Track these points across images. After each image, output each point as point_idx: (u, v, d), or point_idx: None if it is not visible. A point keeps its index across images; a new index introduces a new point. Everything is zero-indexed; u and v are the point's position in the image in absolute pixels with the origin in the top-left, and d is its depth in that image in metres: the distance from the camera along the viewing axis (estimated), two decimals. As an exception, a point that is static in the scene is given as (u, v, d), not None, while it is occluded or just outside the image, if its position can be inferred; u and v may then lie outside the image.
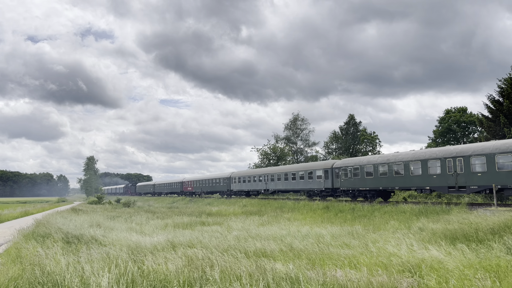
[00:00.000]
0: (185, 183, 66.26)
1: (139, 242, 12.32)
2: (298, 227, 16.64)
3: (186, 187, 64.91)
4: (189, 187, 63.77)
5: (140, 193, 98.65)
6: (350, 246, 11.47)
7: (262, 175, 42.32)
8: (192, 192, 62.89)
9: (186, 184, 65.41)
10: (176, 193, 71.09)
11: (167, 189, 76.57)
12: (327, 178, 31.50)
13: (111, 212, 31.18)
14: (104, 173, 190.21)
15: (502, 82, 31.79)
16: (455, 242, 11.13)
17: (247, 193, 46.72)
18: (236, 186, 47.96)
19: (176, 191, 70.68)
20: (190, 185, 63.56)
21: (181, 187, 67.20)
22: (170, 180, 79.47)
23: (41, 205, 55.47)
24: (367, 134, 64.29)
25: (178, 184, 69.38)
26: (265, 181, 41.10)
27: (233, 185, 48.62)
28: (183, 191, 66.19)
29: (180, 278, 7.43)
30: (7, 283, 7.66)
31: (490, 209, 17.88)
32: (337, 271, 7.71)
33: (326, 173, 31.67)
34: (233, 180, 48.90)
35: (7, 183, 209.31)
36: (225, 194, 51.31)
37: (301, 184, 35.15)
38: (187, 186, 64.59)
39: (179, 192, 68.20)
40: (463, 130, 48.99)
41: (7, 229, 21.21)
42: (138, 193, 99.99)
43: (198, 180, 60.77)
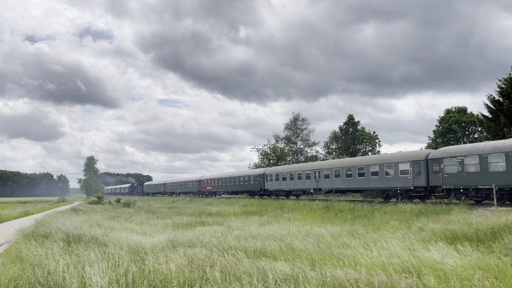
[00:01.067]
0: (203, 182, 58.88)
1: (140, 242, 12.32)
2: (298, 227, 16.64)
3: (205, 186, 57.82)
4: (209, 186, 56.59)
5: (148, 193, 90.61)
6: (350, 246, 11.47)
7: (312, 170, 34.29)
8: (213, 192, 55.65)
9: (205, 183, 58.16)
10: (192, 193, 63.62)
11: (181, 188, 68.17)
12: (419, 174, 24.16)
13: (111, 212, 31.18)
14: (104, 173, 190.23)
15: (502, 82, 31.80)
16: (455, 242, 11.13)
17: (288, 194, 39.08)
18: (273, 184, 40.25)
19: (192, 190, 63.12)
20: (210, 183, 56.27)
21: (199, 186, 59.96)
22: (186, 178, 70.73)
23: (41, 205, 55.48)
24: (366, 134, 64.31)
25: (195, 183, 61.62)
26: (316, 178, 33.28)
27: (268, 183, 41.01)
28: (201, 190, 59.12)
29: (181, 278, 7.43)
30: (7, 283, 7.66)
31: (490, 209, 17.88)
32: (337, 271, 7.71)
33: (417, 166, 24.32)
34: (268, 178, 41.23)
35: (7, 183, 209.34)
36: (256, 194, 44.39)
37: (373, 182, 27.52)
38: (207, 185, 57.39)
39: (196, 192, 61.16)
40: (463, 130, 48.99)
41: (7, 229, 21.21)
42: (146, 193, 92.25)
43: (221, 178, 53.17)
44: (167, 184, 77.54)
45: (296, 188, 36.49)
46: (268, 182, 41.43)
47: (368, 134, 64.55)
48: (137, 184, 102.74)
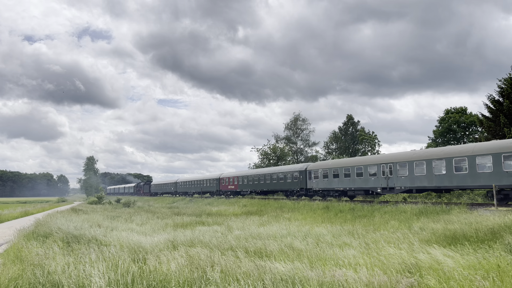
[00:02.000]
0: (224, 180, 52.30)
1: (140, 242, 12.32)
2: (298, 227, 16.64)
3: (226, 185, 51.22)
4: (231, 185, 49.85)
5: (157, 193, 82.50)
6: (350, 246, 11.47)
7: (377, 164, 26.95)
8: (236, 192, 49.17)
9: (226, 181, 51.37)
10: (209, 192, 56.96)
11: (196, 187, 61.06)
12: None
13: (111, 212, 31.18)
14: (104, 173, 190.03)
15: (502, 82, 31.81)
16: (456, 242, 11.13)
17: (341, 194, 30.87)
18: (319, 183, 33.11)
19: (209, 190, 56.30)
20: (233, 182, 49.26)
21: (218, 185, 53.44)
22: (202, 176, 63.12)
23: (41, 205, 55.49)
24: (365, 134, 64.36)
25: (213, 182, 54.83)
26: (385, 174, 26.02)
27: (312, 182, 33.95)
28: (220, 190, 52.79)
29: (180, 279, 7.42)
30: (7, 283, 7.66)
31: (490, 209, 17.88)
32: (337, 271, 7.71)
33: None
34: (312, 175, 34.19)
35: (7, 183, 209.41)
36: (295, 194, 37.08)
37: (479, 178, 20.38)
38: (228, 184, 50.64)
39: (215, 191, 54.42)
40: (464, 130, 49.01)
41: (7, 229, 21.21)
42: (154, 193, 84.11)
43: (248, 175, 46.15)
44: (179, 183, 69.62)
45: (355, 187, 28.92)
46: (312, 180, 34.09)
47: (367, 134, 64.59)
48: (143, 184, 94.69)
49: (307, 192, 35.24)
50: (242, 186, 46.95)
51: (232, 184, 49.39)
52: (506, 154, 19.38)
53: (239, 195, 48.36)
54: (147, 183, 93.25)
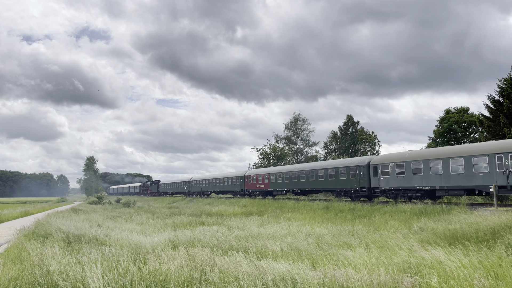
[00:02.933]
0: (250, 178, 45.15)
1: (140, 242, 12.32)
2: (299, 227, 16.64)
3: (254, 183, 44.20)
4: (260, 184, 42.62)
5: (166, 193, 75.83)
6: (350, 245, 11.47)
7: (489, 155, 20.29)
8: (266, 192, 42.07)
9: (254, 180, 44.19)
10: (232, 192, 50.35)
11: (215, 187, 54.34)
12: None
13: (111, 212, 31.19)
14: (104, 173, 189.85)
15: (502, 82, 31.80)
16: (456, 242, 11.13)
17: (426, 195, 24.00)
18: (389, 181, 25.82)
19: (232, 189, 49.73)
20: (263, 180, 42.06)
21: (243, 184, 46.77)
22: (222, 174, 56.25)
23: (41, 205, 55.50)
24: (365, 134, 64.39)
25: (238, 180, 47.89)
26: (506, 167, 19.40)
27: (379, 179, 26.62)
28: (246, 189, 46.20)
29: (180, 279, 7.42)
30: (7, 283, 7.66)
31: (490, 209, 17.88)
32: (338, 271, 7.70)
33: None
34: (378, 171, 26.65)
35: (7, 183, 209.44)
36: (353, 195, 29.23)
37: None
38: (257, 183, 43.50)
39: (239, 191, 47.83)
40: (464, 130, 49.04)
41: (7, 229, 21.21)
42: (163, 193, 77.98)
43: (284, 172, 38.66)
44: (193, 182, 62.53)
45: (449, 186, 22.06)
46: (378, 177, 26.73)
47: (367, 134, 64.63)
48: (150, 183, 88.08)
49: (371, 192, 27.86)
50: (275, 185, 39.81)
51: (262, 182, 42.31)
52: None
53: (270, 195, 42.20)
54: (154, 182, 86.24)
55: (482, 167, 20.57)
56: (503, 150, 19.98)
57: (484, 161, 20.48)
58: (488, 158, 20.36)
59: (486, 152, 20.63)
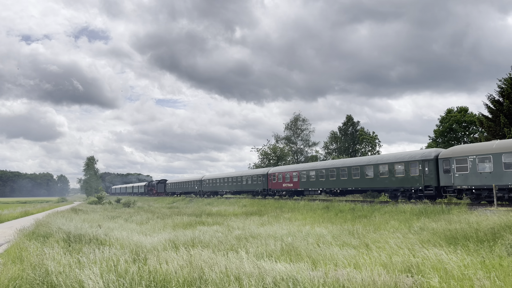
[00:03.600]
0: (274, 177, 39.54)
1: (140, 242, 12.31)
2: (299, 227, 16.64)
3: (280, 182, 38.49)
4: (287, 183, 37.20)
5: (174, 193, 70.85)
6: (351, 245, 11.46)
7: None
8: (295, 192, 36.71)
9: (280, 178, 38.54)
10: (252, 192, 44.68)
11: (232, 186, 48.67)
12: None
13: (111, 212, 31.19)
14: (104, 173, 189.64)
15: (502, 82, 31.81)
16: (456, 242, 11.13)
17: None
18: (468, 178, 21.40)
19: (252, 189, 43.95)
20: (290, 178, 36.67)
21: (265, 183, 41.22)
22: (241, 172, 49.79)
23: (41, 205, 55.49)
24: (366, 134, 64.41)
25: (259, 179, 42.30)
26: None
27: (453, 176, 21.98)
28: (269, 189, 40.56)
29: (180, 279, 7.41)
30: (7, 283, 7.65)
31: (491, 209, 17.87)
32: (338, 271, 7.70)
33: None
34: (451, 165, 22.03)
35: (7, 183, 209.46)
36: (412, 195, 24.82)
37: None
38: (283, 181, 37.92)
39: (261, 191, 42.12)
40: (464, 130, 49.06)
41: (7, 229, 21.20)
42: (171, 193, 72.90)
43: (316, 169, 32.96)
44: (205, 181, 57.54)
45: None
46: (451, 173, 21.80)
47: (368, 134, 64.65)
48: (157, 182, 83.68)
49: (440, 192, 23.09)
50: (305, 183, 34.48)
51: (289, 181, 37.10)
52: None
53: (301, 195, 36.44)
54: (161, 181, 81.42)
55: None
56: None
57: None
58: None
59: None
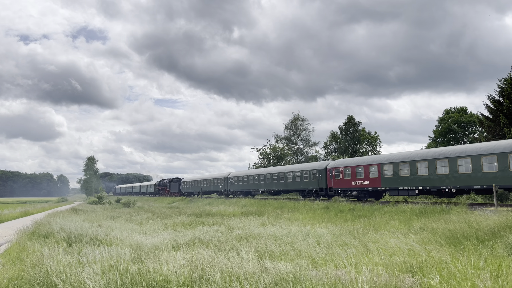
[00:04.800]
0: (339, 172, 30.36)
1: (140, 242, 12.31)
2: (299, 227, 16.63)
3: (348, 179, 29.69)
4: (360, 180, 28.49)
5: (191, 193, 62.27)
6: (351, 245, 11.46)
7: None
8: (374, 192, 28.19)
9: (347, 173, 29.59)
10: (303, 192, 34.96)
11: (272, 184, 38.78)
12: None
13: (111, 212, 31.17)
14: (104, 173, 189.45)
15: (502, 82, 31.80)
16: (456, 242, 11.12)
17: None
18: None
19: (304, 188, 34.23)
20: (366, 173, 27.81)
21: (324, 180, 31.91)
22: (287, 168, 38.55)
23: (41, 205, 55.46)
24: (367, 134, 64.40)
25: (314, 175, 32.90)
26: None
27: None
28: (330, 187, 31.22)
29: (180, 279, 7.40)
30: (7, 283, 7.65)
31: (491, 209, 17.87)
32: (339, 271, 7.70)
33: None
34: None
35: (7, 183, 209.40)
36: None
37: None
38: (352, 178, 29.20)
39: (316, 190, 32.71)
40: (463, 130, 49.06)
41: (7, 229, 21.19)
42: (188, 193, 63.91)
43: (413, 160, 24.63)
44: (233, 178, 48.06)
45: None
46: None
47: (369, 135, 64.66)
48: (169, 181, 75.41)
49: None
50: (392, 180, 25.67)
51: (363, 177, 27.88)
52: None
53: (379, 197, 28.56)
54: (175, 180, 73.48)
55: None
56: None
57: None
58: None
59: None
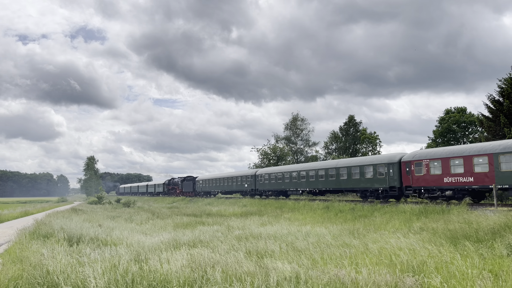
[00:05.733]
0: (420, 165, 23.52)
1: (140, 242, 12.31)
2: (299, 227, 16.63)
3: (436, 176, 22.69)
4: (459, 176, 21.22)
5: (209, 193, 56.21)
6: (351, 245, 11.46)
7: None
8: (480, 192, 21.83)
9: (435, 168, 22.64)
10: (362, 191, 28.16)
11: (318, 182, 31.99)
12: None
13: (111, 212, 31.17)
14: (104, 173, 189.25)
15: (502, 82, 31.78)
16: (456, 242, 11.12)
17: None
18: None
19: (367, 186, 27.41)
20: (468, 167, 20.84)
21: (397, 177, 25.22)
22: (338, 162, 31.38)
23: (41, 205, 55.44)
24: (367, 134, 64.41)
25: (383, 169, 26.18)
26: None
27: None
28: (407, 186, 24.63)
29: (181, 279, 7.40)
30: (7, 283, 7.65)
31: (491, 209, 17.86)
32: (339, 271, 7.70)
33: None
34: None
35: (7, 183, 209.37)
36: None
37: None
38: (444, 173, 22.15)
39: (387, 190, 25.88)
40: (463, 130, 49.05)
41: (7, 229, 21.18)
42: (205, 193, 57.52)
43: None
44: (263, 176, 40.97)
45: None
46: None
47: (369, 135, 64.67)
48: (181, 180, 68.33)
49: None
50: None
51: (465, 171, 21.15)
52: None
53: (479, 198, 22.35)
54: (188, 179, 66.32)
55: None
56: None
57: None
58: None
59: None
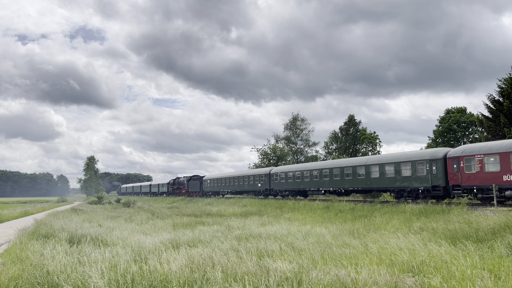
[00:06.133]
0: (476, 161, 19.86)
1: (140, 242, 12.31)
2: (299, 227, 16.63)
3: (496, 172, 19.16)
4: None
5: (218, 193, 52.14)
6: (351, 245, 11.46)
7: None
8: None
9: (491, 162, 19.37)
10: (398, 191, 24.94)
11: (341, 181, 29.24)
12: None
13: (111, 212, 31.18)
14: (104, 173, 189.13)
15: (502, 82, 31.78)
16: (456, 241, 11.12)
17: None
18: None
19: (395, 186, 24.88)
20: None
21: (442, 174, 22.02)
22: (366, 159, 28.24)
23: (41, 205, 55.44)
24: (367, 134, 64.39)
25: (421, 168, 23.09)
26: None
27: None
28: (455, 185, 21.23)
29: (181, 279, 7.40)
30: (7, 283, 7.65)
31: (491, 209, 17.87)
32: (339, 271, 7.70)
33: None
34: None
35: (7, 183, 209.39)
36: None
37: None
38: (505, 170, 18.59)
39: (422, 190, 23.18)
40: (464, 130, 49.05)
41: (7, 229, 21.19)
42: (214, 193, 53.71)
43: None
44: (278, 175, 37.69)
45: None
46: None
47: (369, 134, 64.67)
48: (187, 179, 64.24)
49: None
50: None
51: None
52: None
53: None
54: (194, 178, 62.52)
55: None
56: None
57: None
58: None
59: None
